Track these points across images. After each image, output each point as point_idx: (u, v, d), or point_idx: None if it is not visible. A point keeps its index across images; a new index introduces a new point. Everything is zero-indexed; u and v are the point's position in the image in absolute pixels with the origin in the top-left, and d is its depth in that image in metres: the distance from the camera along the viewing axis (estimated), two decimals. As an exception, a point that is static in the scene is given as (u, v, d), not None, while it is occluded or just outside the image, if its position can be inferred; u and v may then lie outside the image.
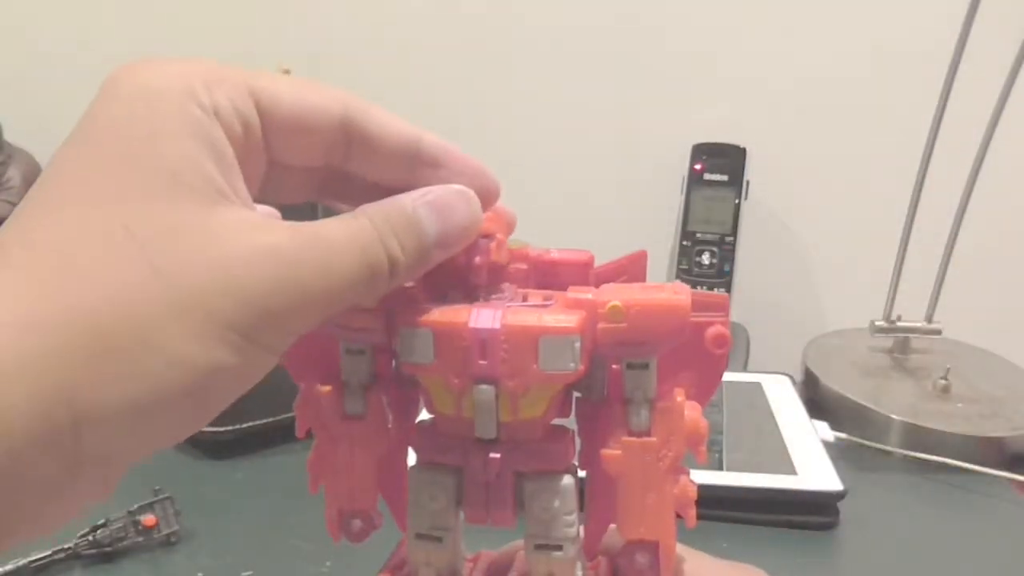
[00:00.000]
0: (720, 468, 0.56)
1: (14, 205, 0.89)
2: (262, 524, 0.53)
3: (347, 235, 0.21)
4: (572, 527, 0.25)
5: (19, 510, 0.18)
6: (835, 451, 0.59)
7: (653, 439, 0.24)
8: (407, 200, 0.23)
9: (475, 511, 0.25)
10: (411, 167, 0.24)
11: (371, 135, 0.23)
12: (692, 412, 0.24)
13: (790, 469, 0.56)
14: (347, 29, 0.92)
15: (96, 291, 0.18)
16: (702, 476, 0.54)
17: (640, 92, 0.88)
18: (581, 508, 0.26)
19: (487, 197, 0.25)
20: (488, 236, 0.24)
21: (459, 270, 0.24)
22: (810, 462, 0.57)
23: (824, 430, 0.63)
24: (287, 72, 0.67)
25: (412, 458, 0.26)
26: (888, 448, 0.64)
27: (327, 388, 0.25)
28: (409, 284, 0.24)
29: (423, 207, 0.23)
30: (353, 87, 0.23)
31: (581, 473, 0.26)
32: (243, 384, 0.20)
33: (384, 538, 0.27)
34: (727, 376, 0.72)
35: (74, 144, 0.20)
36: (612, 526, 0.25)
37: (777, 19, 0.85)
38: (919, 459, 0.62)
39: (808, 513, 0.54)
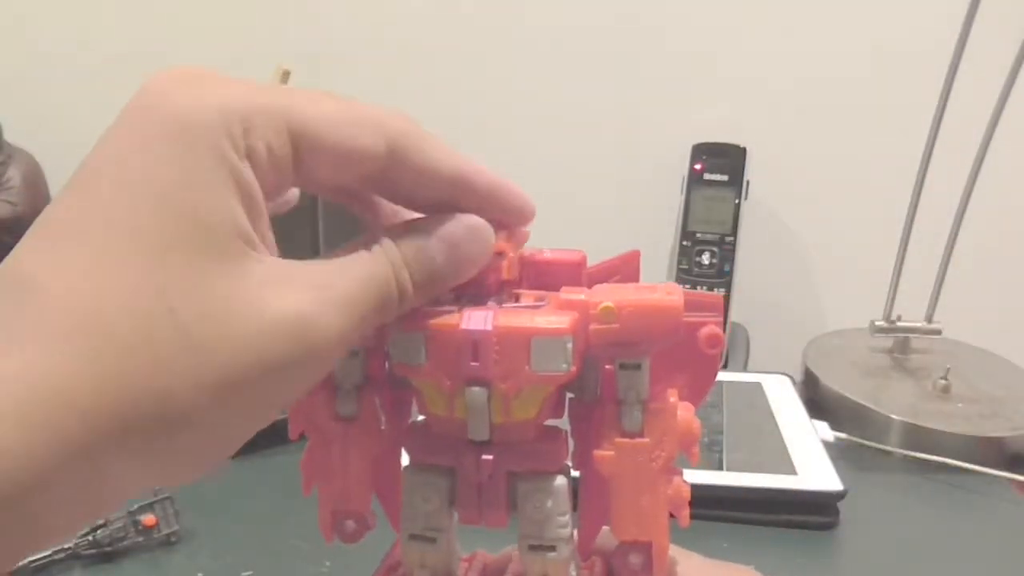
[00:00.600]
0: (720, 468, 0.56)
1: (14, 205, 0.89)
2: (262, 524, 0.53)
3: (367, 277, 0.22)
4: (565, 528, 0.25)
5: (36, 543, 0.19)
6: (835, 451, 0.59)
7: (646, 440, 0.23)
8: (422, 230, 0.23)
9: (468, 512, 0.25)
10: (454, 197, 0.24)
11: (416, 169, 0.23)
12: (685, 413, 0.24)
13: (790, 469, 0.56)
14: (347, 29, 0.92)
15: (134, 363, 0.18)
16: (702, 476, 0.54)
17: (640, 92, 0.88)
18: (575, 508, 0.26)
19: (523, 220, 0.26)
20: (500, 254, 0.24)
21: (469, 284, 0.24)
22: (810, 462, 0.57)
23: (824, 430, 0.63)
24: (287, 73, 0.67)
25: (406, 459, 0.26)
26: (888, 448, 0.64)
27: (320, 390, 0.25)
28: None
29: (436, 242, 0.23)
30: (353, 87, 0.23)
31: (575, 473, 0.26)
32: (252, 434, 0.21)
33: (384, 538, 0.27)
34: (727, 376, 0.72)
35: (100, 178, 0.20)
36: (607, 527, 0.25)
37: (777, 19, 0.85)
38: (919, 459, 0.62)
39: (808, 513, 0.54)
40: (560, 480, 0.24)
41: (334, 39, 0.92)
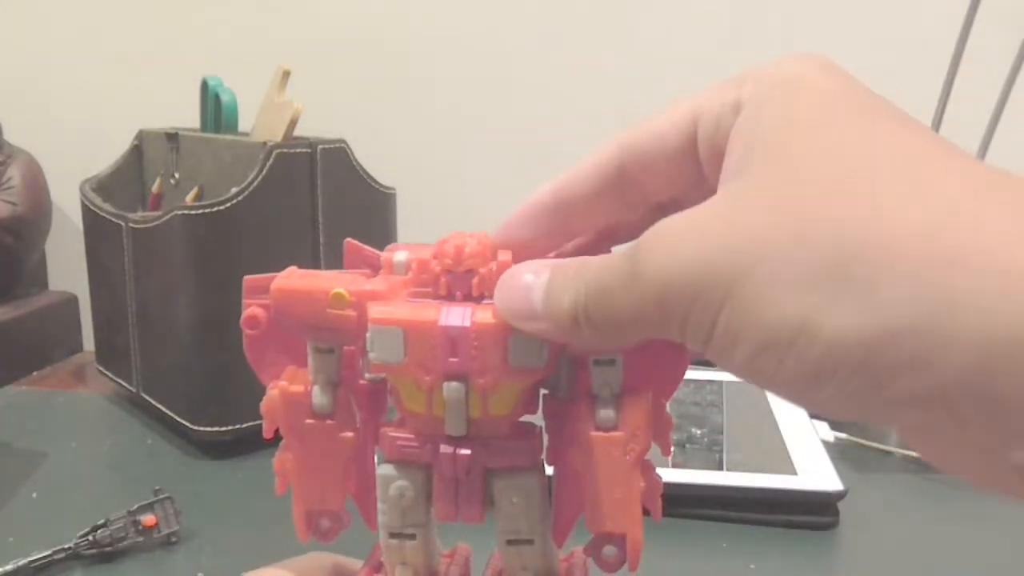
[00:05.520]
0: (720, 468, 0.56)
1: (14, 205, 0.90)
2: (262, 524, 0.53)
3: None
4: (541, 521, 0.25)
5: None
6: (835, 451, 0.59)
7: (620, 434, 0.24)
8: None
9: (445, 508, 0.25)
10: None
11: None
12: (657, 406, 0.24)
13: (790, 469, 0.56)
14: (347, 29, 0.92)
15: None
16: (702, 476, 0.54)
17: (640, 92, 0.88)
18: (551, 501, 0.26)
19: None
20: (471, 272, 0.24)
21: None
22: (810, 462, 0.57)
23: (824, 430, 0.63)
24: (287, 73, 0.67)
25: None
26: (888, 448, 0.64)
27: (295, 387, 0.25)
28: (379, 287, 0.24)
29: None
30: (353, 87, 0.23)
31: (549, 469, 0.26)
32: None
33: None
34: (727, 376, 0.72)
35: None
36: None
37: (777, 19, 0.85)
38: (919, 459, 0.62)
39: (808, 513, 0.54)
40: (535, 475, 0.25)
41: (334, 39, 0.92)
